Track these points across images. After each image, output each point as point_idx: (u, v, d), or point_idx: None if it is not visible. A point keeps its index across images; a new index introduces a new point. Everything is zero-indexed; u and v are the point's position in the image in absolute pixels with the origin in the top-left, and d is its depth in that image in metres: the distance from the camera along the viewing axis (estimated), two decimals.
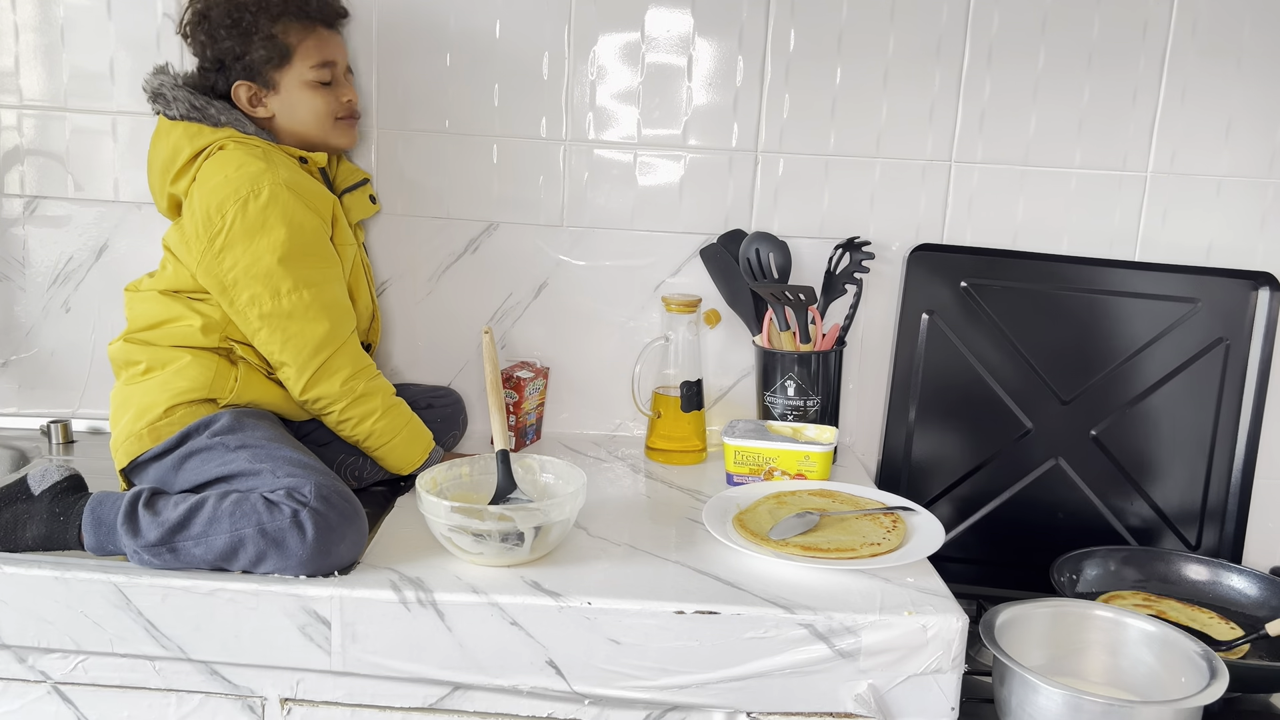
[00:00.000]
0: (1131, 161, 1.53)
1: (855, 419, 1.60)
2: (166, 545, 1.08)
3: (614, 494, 1.37)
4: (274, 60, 1.26)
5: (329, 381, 1.24)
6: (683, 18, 1.50)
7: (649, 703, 1.07)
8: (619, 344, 1.58)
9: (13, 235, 1.55)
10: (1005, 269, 1.52)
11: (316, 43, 1.29)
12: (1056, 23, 1.49)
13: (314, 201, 1.24)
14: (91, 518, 1.11)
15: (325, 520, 1.08)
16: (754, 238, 1.49)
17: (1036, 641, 1.15)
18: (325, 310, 1.22)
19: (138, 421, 1.21)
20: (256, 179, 1.19)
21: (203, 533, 1.07)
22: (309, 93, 1.29)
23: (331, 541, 1.08)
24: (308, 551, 1.06)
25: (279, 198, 1.19)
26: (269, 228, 1.18)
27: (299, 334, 1.21)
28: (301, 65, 1.28)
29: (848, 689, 1.06)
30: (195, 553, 1.07)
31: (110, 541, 1.10)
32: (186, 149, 1.24)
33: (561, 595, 1.06)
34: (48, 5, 1.49)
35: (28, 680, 1.10)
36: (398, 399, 1.30)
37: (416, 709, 1.09)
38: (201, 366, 1.23)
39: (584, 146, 1.54)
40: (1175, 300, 1.51)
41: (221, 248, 1.19)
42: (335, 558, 1.09)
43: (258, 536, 1.06)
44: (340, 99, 1.33)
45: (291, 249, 1.19)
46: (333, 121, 1.33)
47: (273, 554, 1.06)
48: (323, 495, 1.09)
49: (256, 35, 1.25)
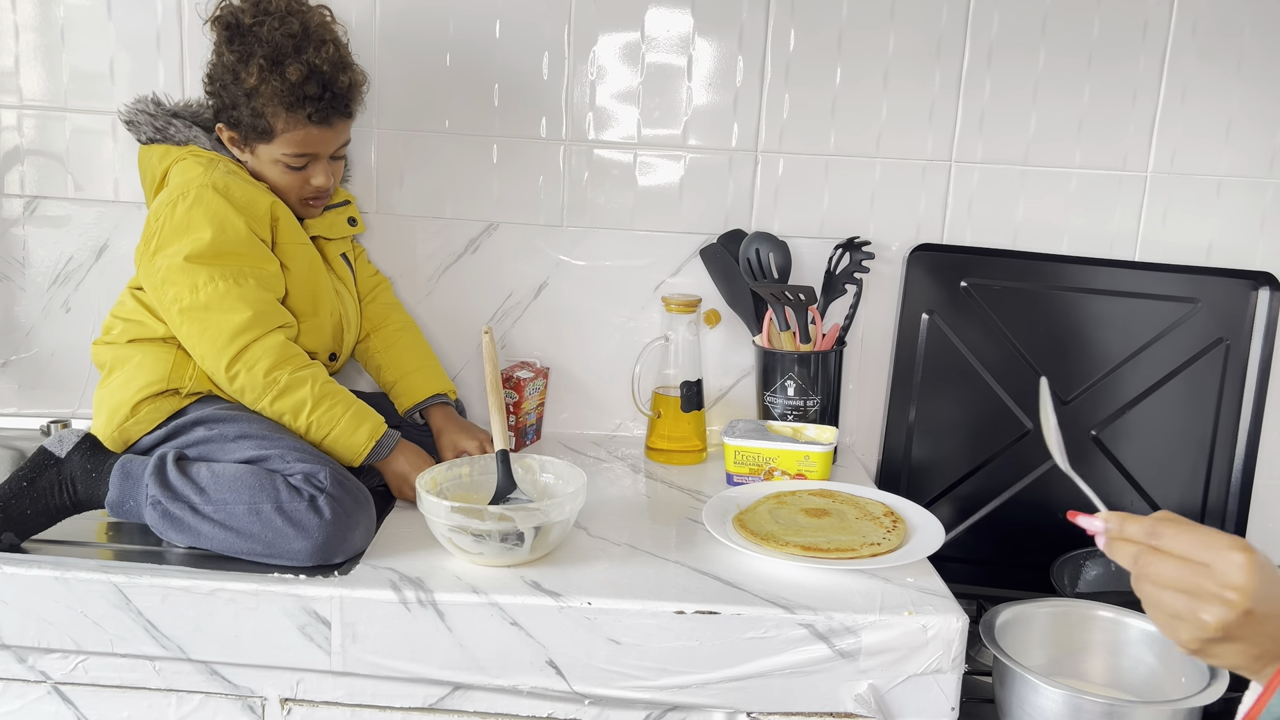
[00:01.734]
0: (1131, 161, 1.53)
1: (855, 419, 1.60)
2: (190, 505, 1.11)
3: (614, 494, 1.37)
4: (255, 132, 1.25)
5: (249, 374, 1.20)
6: (683, 18, 1.50)
7: (649, 703, 1.07)
8: (619, 344, 1.58)
9: (13, 235, 1.55)
10: (1005, 269, 1.52)
11: (302, 137, 1.25)
12: (1056, 23, 1.49)
13: (245, 202, 1.23)
14: (120, 471, 1.16)
15: (342, 506, 1.11)
16: (754, 238, 1.49)
17: (1036, 641, 1.15)
18: (245, 302, 1.20)
19: (109, 425, 1.23)
20: (188, 184, 1.22)
21: (224, 500, 1.11)
22: (279, 169, 1.28)
23: (347, 527, 1.11)
24: (324, 535, 1.09)
25: (203, 199, 1.20)
26: (193, 227, 1.19)
27: (215, 323, 1.19)
28: (278, 148, 1.26)
29: (848, 689, 1.06)
30: (215, 517, 1.10)
31: (132, 495, 1.14)
32: (158, 168, 1.28)
33: (561, 595, 1.06)
34: (48, 5, 1.49)
35: (28, 680, 1.10)
36: (335, 387, 1.25)
37: (416, 709, 1.09)
38: (157, 358, 1.24)
39: (584, 146, 1.54)
40: (1175, 300, 1.51)
41: (154, 250, 1.21)
42: (349, 543, 1.12)
43: (275, 514, 1.09)
44: (309, 182, 1.29)
45: (212, 247, 1.19)
46: (296, 198, 1.31)
47: (289, 532, 1.09)
48: (339, 481, 1.13)
49: (246, 105, 1.23)
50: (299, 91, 1.21)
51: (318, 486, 1.12)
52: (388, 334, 1.46)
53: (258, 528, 1.10)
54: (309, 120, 1.23)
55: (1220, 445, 1.51)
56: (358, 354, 1.48)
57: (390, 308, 1.50)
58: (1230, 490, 1.51)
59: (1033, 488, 1.53)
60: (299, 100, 1.21)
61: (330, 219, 1.39)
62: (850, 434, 1.61)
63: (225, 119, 1.27)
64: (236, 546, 1.11)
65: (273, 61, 1.20)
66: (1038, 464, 1.53)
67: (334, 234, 1.39)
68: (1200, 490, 1.52)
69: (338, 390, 1.25)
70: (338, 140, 1.29)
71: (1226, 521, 1.52)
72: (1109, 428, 1.51)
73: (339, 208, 1.41)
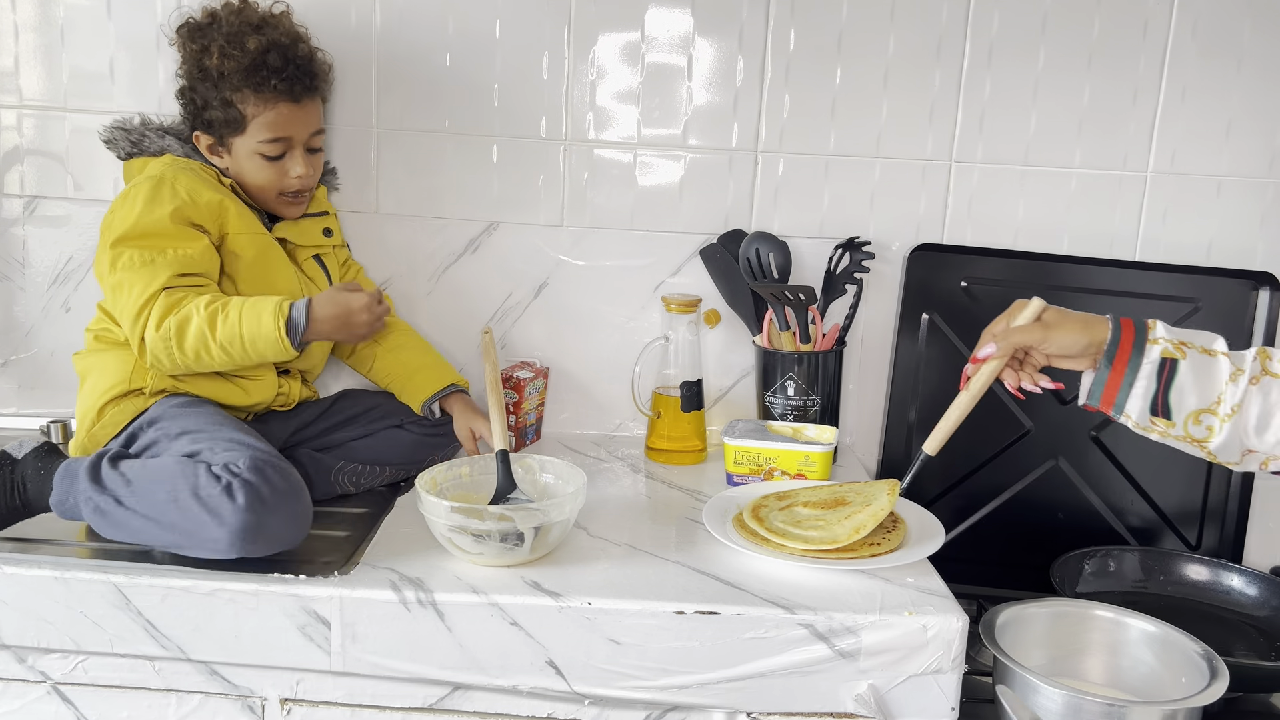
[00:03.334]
0: (1131, 161, 1.53)
1: (855, 419, 1.60)
2: (115, 498, 1.11)
3: (614, 494, 1.37)
4: (228, 125, 1.26)
5: (151, 338, 1.17)
6: (683, 18, 1.50)
7: (649, 703, 1.07)
8: (619, 344, 1.58)
9: (13, 235, 1.55)
10: (1005, 269, 1.52)
11: (273, 118, 1.26)
12: (1056, 23, 1.49)
13: (186, 191, 1.23)
14: (63, 471, 1.17)
15: (256, 492, 1.07)
16: (754, 238, 1.49)
17: (1036, 642, 1.15)
18: (152, 277, 1.18)
19: (80, 432, 1.25)
20: (144, 178, 1.24)
21: (146, 490, 1.10)
22: (255, 163, 1.28)
23: (264, 513, 1.07)
24: (239, 521, 1.05)
25: (141, 188, 1.22)
26: (125, 213, 1.21)
27: (124, 302, 1.19)
28: (253, 136, 1.26)
29: (848, 689, 1.06)
30: (139, 509, 1.10)
31: (71, 494, 1.14)
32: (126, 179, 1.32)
33: (561, 595, 1.06)
34: (48, 5, 1.49)
35: (28, 680, 1.10)
36: (219, 302, 1.18)
37: (416, 709, 1.09)
38: (119, 360, 1.25)
39: (584, 146, 1.54)
40: (1175, 300, 1.50)
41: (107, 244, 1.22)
42: (269, 531, 1.08)
43: (191, 500, 1.07)
44: (289, 174, 1.30)
45: (135, 229, 1.20)
46: (275, 194, 1.31)
47: (206, 520, 1.06)
48: (256, 467, 1.09)
49: (216, 96, 1.25)
50: (261, 63, 1.22)
51: (233, 472, 1.08)
52: (390, 342, 1.46)
53: (176, 516, 1.08)
54: (276, 93, 1.24)
55: None
56: (358, 365, 1.48)
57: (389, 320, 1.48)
58: (1230, 490, 1.51)
59: (1033, 488, 1.53)
60: (262, 73, 1.23)
61: (303, 225, 1.38)
62: (850, 434, 1.61)
63: (200, 124, 1.28)
64: (160, 538, 1.10)
65: (231, 40, 1.23)
66: (1038, 464, 1.53)
67: (303, 240, 1.37)
68: (1200, 490, 1.52)
69: (224, 303, 1.18)
70: (310, 122, 1.30)
71: (1226, 521, 1.52)
72: (1109, 428, 1.51)
73: (317, 217, 1.40)
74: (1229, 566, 1.39)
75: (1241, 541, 1.52)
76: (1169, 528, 1.52)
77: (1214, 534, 1.52)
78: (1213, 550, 1.51)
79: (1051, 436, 1.52)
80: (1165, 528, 1.53)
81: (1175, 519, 1.52)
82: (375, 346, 1.46)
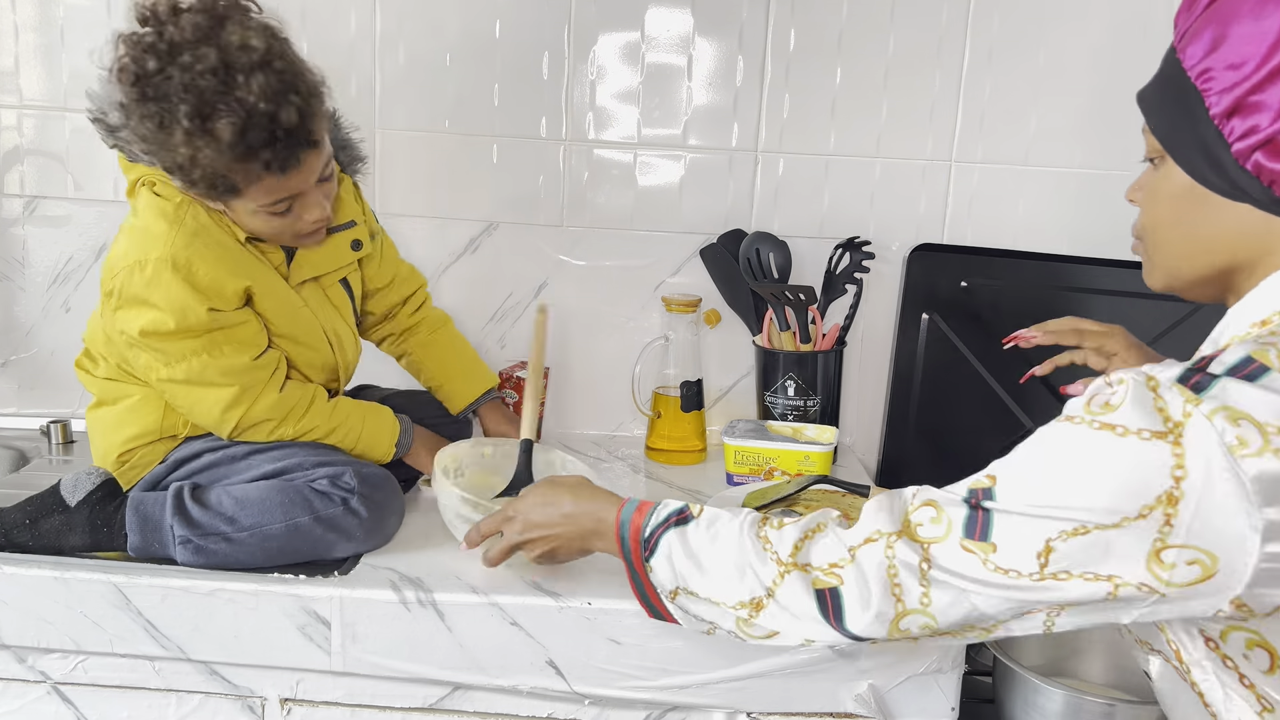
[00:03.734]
0: (1132, 161, 1.52)
1: (855, 419, 1.60)
2: (222, 535, 1.09)
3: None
4: (219, 190, 1.03)
5: (253, 434, 1.15)
6: (683, 18, 1.50)
7: (649, 703, 1.07)
8: (619, 344, 1.58)
9: (13, 235, 1.55)
10: (1005, 269, 1.52)
11: (272, 184, 1.03)
12: (1056, 23, 1.49)
13: (209, 285, 1.07)
14: (136, 517, 1.11)
15: (374, 502, 1.14)
16: (754, 238, 1.49)
17: (1036, 642, 1.15)
18: (225, 374, 1.10)
19: (104, 460, 1.18)
20: (148, 246, 1.06)
21: (257, 523, 1.09)
22: (261, 219, 1.08)
23: (383, 518, 1.16)
24: (365, 532, 1.13)
25: (161, 279, 1.05)
26: (152, 305, 1.06)
27: (200, 399, 1.11)
28: (251, 201, 1.05)
29: (848, 689, 1.06)
30: (252, 541, 1.09)
31: (157, 539, 1.10)
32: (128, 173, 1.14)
33: (561, 595, 1.06)
34: (48, 5, 1.49)
35: (28, 680, 1.10)
36: (341, 413, 1.19)
37: (416, 709, 1.09)
38: (151, 406, 1.16)
39: (584, 146, 1.54)
40: (1175, 300, 1.50)
41: (115, 308, 1.08)
42: (387, 530, 1.17)
43: (313, 524, 1.10)
44: (304, 218, 1.09)
45: (177, 331, 1.07)
46: (292, 240, 1.13)
47: (331, 537, 1.11)
48: (364, 479, 1.14)
49: (196, 165, 1.00)
50: (241, 147, 0.98)
51: (347, 489, 1.12)
52: (422, 335, 1.38)
53: (299, 541, 1.09)
54: (268, 171, 1.02)
55: None
56: (393, 352, 1.40)
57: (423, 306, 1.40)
58: None
59: None
60: (247, 155, 0.99)
61: (328, 250, 1.21)
62: (850, 434, 1.61)
63: (180, 180, 1.04)
64: (280, 561, 1.10)
65: (196, 117, 0.96)
66: None
67: (331, 267, 1.23)
68: None
69: (346, 415, 1.20)
70: (315, 171, 1.07)
71: None
72: None
73: (344, 229, 1.23)
74: None
75: None
76: None
77: None
78: None
79: None
80: None
81: None
82: (411, 339, 1.39)
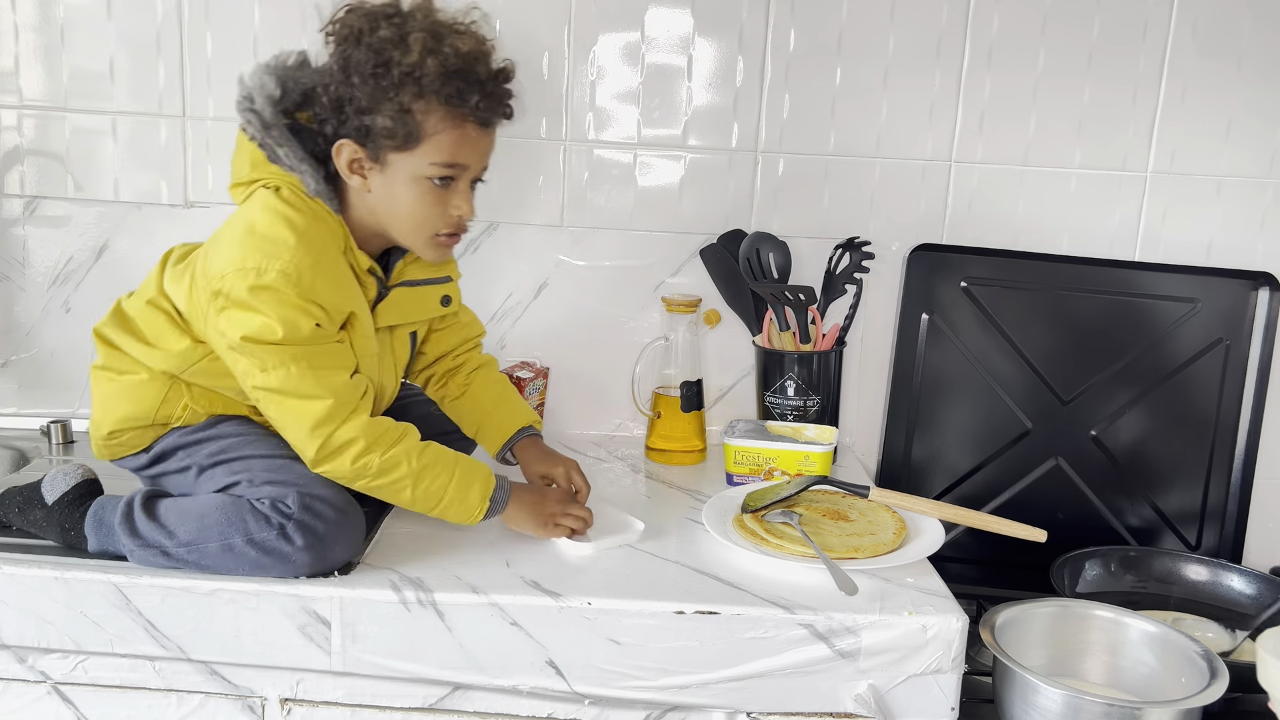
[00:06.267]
0: (1131, 161, 1.53)
1: (855, 419, 1.60)
2: (161, 550, 1.07)
3: (614, 494, 1.37)
4: (397, 138, 1.03)
5: (338, 460, 1.07)
6: (683, 18, 1.50)
7: (649, 703, 1.07)
8: (619, 344, 1.58)
9: (13, 235, 1.55)
10: (1005, 269, 1.52)
11: (457, 139, 1.05)
12: (1056, 23, 1.49)
13: (326, 301, 1.06)
14: (94, 520, 1.12)
15: (312, 530, 1.05)
16: (754, 238, 1.49)
17: (1036, 641, 1.15)
18: (322, 387, 1.06)
19: (97, 430, 1.17)
20: (271, 255, 1.03)
21: (193, 540, 1.06)
22: (417, 189, 1.07)
23: (323, 548, 1.06)
24: (302, 559, 1.05)
25: (277, 291, 1.03)
26: (260, 312, 1.03)
27: (293, 410, 1.07)
28: (424, 157, 1.05)
29: (848, 689, 1.06)
30: (189, 559, 1.07)
31: (110, 543, 1.10)
32: (246, 171, 1.11)
33: (561, 595, 1.06)
34: (48, 5, 1.49)
35: (28, 680, 1.10)
36: (431, 454, 1.11)
37: (416, 709, 1.09)
38: (151, 391, 1.14)
39: (584, 146, 1.54)
40: (1175, 300, 1.51)
41: (221, 309, 1.05)
42: (331, 559, 1.07)
43: (247, 547, 1.04)
44: (450, 211, 1.09)
45: (280, 338, 1.04)
46: (429, 235, 1.10)
47: (266, 562, 1.05)
48: (306, 505, 1.05)
49: (391, 101, 1.02)
50: (469, 72, 1.01)
51: (284, 514, 1.04)
52: (461, 379, 1.32)
53: (233, 563, 1.05)
54: (472, 111, 1.03)
55: (1220, 445, 1.51)
56: (435, 395, 1.35)
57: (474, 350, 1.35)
58: (1230, 490, 1.51)
59: (1033, 488, 1.53)
60: (464, 84, 1.02)
61: (420, 299, 1.20)
62: (850, 434, 1.61)
63: (352, 130, 1.04)
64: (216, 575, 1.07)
65: (435, 36, 1.01)
66: (1038, 464, 1.53)
67: (417, 317, 1.21)
68: (1200, 490, 1.52)
69: (436, 458, 1.11)
70: (487, 155, 1.10)
71: (1226, 521, 1.52)
72: (1109, 428, 1.51)
73: (439, 283, 1.21)
74: (1229, 566, 1.39)
75: (1241, 541, 1.52)
76: (1169, 528, 1.53)
77: (1214, 534, 1.52)
78: (1212, 550, 1.52)
79: (1051, 436, 1.52)
80: (1165, 528, 1.53)
81: (1175, 519, 1.52)
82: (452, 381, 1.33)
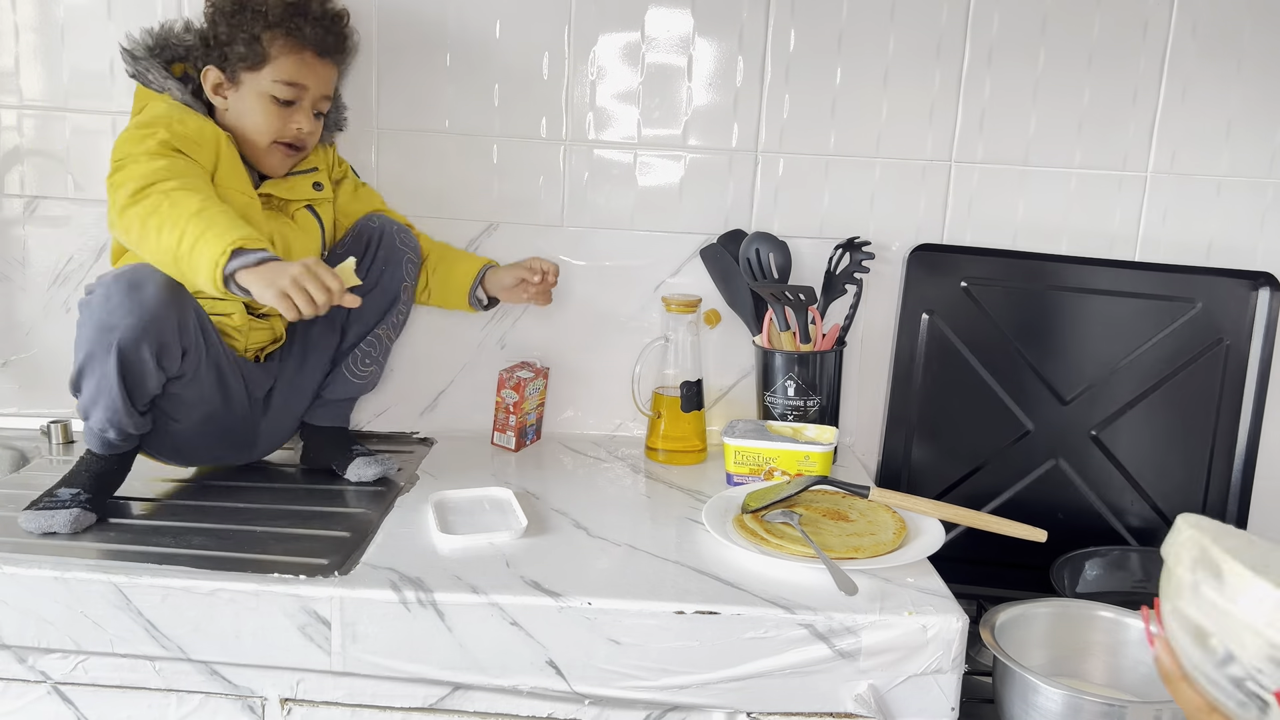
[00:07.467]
0: (1131, 161, 1.53)
1: (855, 419, 1.60)
2: None
3: (614, 494, 1.37)
4: (247, 60, 1.28)
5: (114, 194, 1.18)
6: (683, 18, 1.50)
7: (649, 703, 1.07)
8: (619, 344, 1.58)
9: (13, 235, 1.55)
10: (1005, 269, 1.52)
11: (296, 63, 1.29)
12: (1056, 23, 1.49)
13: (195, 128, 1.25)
14: None
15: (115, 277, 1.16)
16: (754, 238, 1.49)
17: (1037, 642, 1.15)
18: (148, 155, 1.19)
19: None
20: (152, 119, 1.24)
21: None
22: (262, 103, 1.29)
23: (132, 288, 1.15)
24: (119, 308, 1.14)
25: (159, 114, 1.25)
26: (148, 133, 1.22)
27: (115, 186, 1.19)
28: (268, 75, 1.28)
29: (848, 689, 1.06)
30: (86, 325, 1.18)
31: None
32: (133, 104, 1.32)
33: (561, 595, 1.06)
34: (48, 5, 1.49)
35: (28, 680, 1.10)
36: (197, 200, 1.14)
37: (416, 709, 1.09)
38: None
39: (584, 146, 1.54)
40: (1175, 300, 1.51)
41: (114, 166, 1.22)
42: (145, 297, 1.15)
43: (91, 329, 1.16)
44: (290, 124, 1.31)
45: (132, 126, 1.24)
46: (269, 142, 1.31)
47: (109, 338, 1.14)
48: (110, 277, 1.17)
49: (244, 32, 1.27)
50: (303, 7, 1.28)
51: None
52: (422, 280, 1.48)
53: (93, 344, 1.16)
54: (306, 40, 1.28)
55: (1220, 445, 1.51)
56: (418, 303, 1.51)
57: None
58: (1230, 490, 1.51)
59: (1033, 488, 1.53)
60: (300, 18, 1.27)
61: (291, 182, 1.37)
62: (850, 434, 1.61)
63: (214, 59, 1.29)
64: None
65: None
66: (1038, 464, 1.53)
67: (291, 195, 1.37)
68: (1200, 490, 1.52)
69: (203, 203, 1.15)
70: (325, 82, 1.33)
71: (1226, 521, 1.51)
72: (1109, 428, 1.51)
73: (306, 174, 1.40)
74: None
75: None
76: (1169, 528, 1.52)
77: None
78: None
79: (1051, 436, 1.52)
80: (1165, 528, 1.52)
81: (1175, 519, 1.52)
82: None
